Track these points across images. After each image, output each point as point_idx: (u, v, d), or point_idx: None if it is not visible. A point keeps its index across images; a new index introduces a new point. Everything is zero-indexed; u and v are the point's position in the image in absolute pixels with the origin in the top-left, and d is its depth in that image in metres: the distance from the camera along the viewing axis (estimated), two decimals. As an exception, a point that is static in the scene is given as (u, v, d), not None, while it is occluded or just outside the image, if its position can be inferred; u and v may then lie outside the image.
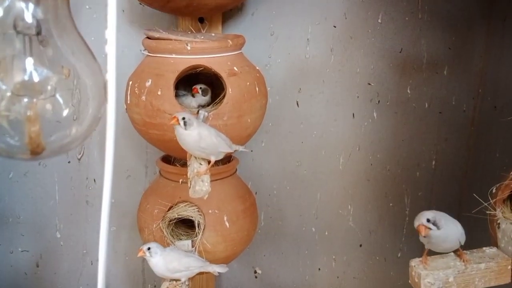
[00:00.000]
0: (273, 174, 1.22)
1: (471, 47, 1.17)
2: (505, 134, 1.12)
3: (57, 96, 0.34)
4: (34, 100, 0.33)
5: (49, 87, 0.33)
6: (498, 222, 0.77)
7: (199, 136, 0.71)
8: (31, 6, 0.31)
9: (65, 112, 0.34)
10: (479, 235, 0.81)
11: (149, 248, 0.79)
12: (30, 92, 0.32)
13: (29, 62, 0.32)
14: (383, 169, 1.23)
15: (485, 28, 1.17)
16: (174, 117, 0.72)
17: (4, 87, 0.31)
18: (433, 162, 1.24)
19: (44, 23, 0.33)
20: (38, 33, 0.32)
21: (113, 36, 0.36)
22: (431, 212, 0.70)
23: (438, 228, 0.68)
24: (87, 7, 1.07)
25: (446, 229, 0.69)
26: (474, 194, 0.78)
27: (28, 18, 0.31)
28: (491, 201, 0.78)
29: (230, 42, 0.85)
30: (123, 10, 1.08)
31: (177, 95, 0.86)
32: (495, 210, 0.77)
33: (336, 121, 1.19)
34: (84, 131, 0.36)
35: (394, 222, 1.26)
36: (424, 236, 0.69)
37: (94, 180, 1.17)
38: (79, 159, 1.16)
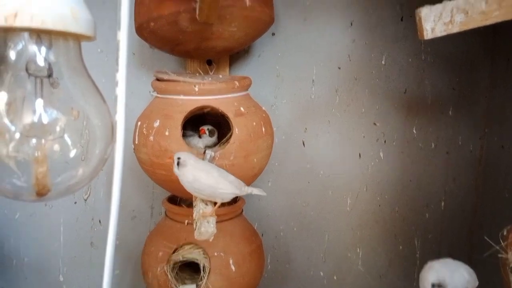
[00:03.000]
0: (280, 215, 1.20)
1: (475, 88, 1.18)
2: (514, 174, 1.10)
3: (66, 137, 0.34)
4: (43, 141, 0.33)
5: (58, 128, 0.33)
6: (510, 266, 0.74)
7: (193, 177, 0.71)
8: (43, 49, 0.32)
9: (72, 153, 0.34)
10: (492, 279, 0.79)
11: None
12: (39, 133, 0.33)
13: (39, 103, 0.32)
14: (391, 210, 1.21)
15: (488, 69, 1.18)
16: (171, 156, 0.73)
17: (13, 128, 0.31)
18: (442, 203, 1.22)
19: (55, 66, 0.33)
20: (49, 75, 0.33)
21: (123, 79, 0.37)
22: (436, 270, 0.67)
23: None
24: (99, 50, 1.10)
25: (452, 286, 0.67)
26: (485, 237, 0.76)
27: (40, 62, 0.32)
28: (502, 243, 0.75)
29: (237, 84, 0.86)
30: (134, 53, 1.12)
31: (184, 135, 0.87)
32: (507, 253, 0.75)
33: (343, 161, 1.19)
34: (91, 172, 0.36)
35: (404, 266, 1.22)
36: None
37: (100, 221, 1.16)
38: (85, 200, 1.16)
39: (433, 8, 0.60)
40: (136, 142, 0.86)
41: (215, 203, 0.75)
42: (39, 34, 0.31)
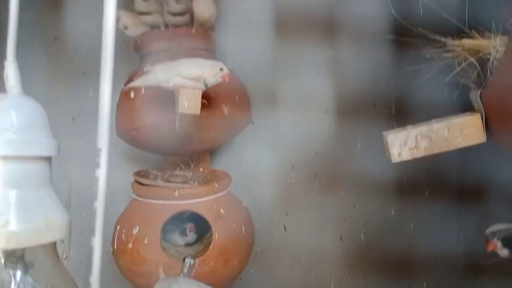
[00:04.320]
0: (263, 303, 1.18)
1: (447, 169, 1.22)
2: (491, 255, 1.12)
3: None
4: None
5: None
6: None
7: None
8: (19, 255, 0.33)
9: None
10: None
11: None
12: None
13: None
14: (375, 293, 1.21)
15: (459, 151, 1.23)
16: None
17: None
18: (424, 284, 1.22)
19: (30, 255, 0.35)
20: (24, 270, 0.34)
21: (104, 172, 0.38)
22: None
23: None
24: (80, 143, 1.11)
25: None
26: None
27: (17, 264, 0.33)
28: None
29: (217, 186, 0.88)
30: (116, 145, 1.13)
31: (164, 229, 0.87)
32: None
33: (325, 245, 1.20)
34: None
35: None
36: None
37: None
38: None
39: (398, 134, 0.64)
40: (115, 247, 0.86)
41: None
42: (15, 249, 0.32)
